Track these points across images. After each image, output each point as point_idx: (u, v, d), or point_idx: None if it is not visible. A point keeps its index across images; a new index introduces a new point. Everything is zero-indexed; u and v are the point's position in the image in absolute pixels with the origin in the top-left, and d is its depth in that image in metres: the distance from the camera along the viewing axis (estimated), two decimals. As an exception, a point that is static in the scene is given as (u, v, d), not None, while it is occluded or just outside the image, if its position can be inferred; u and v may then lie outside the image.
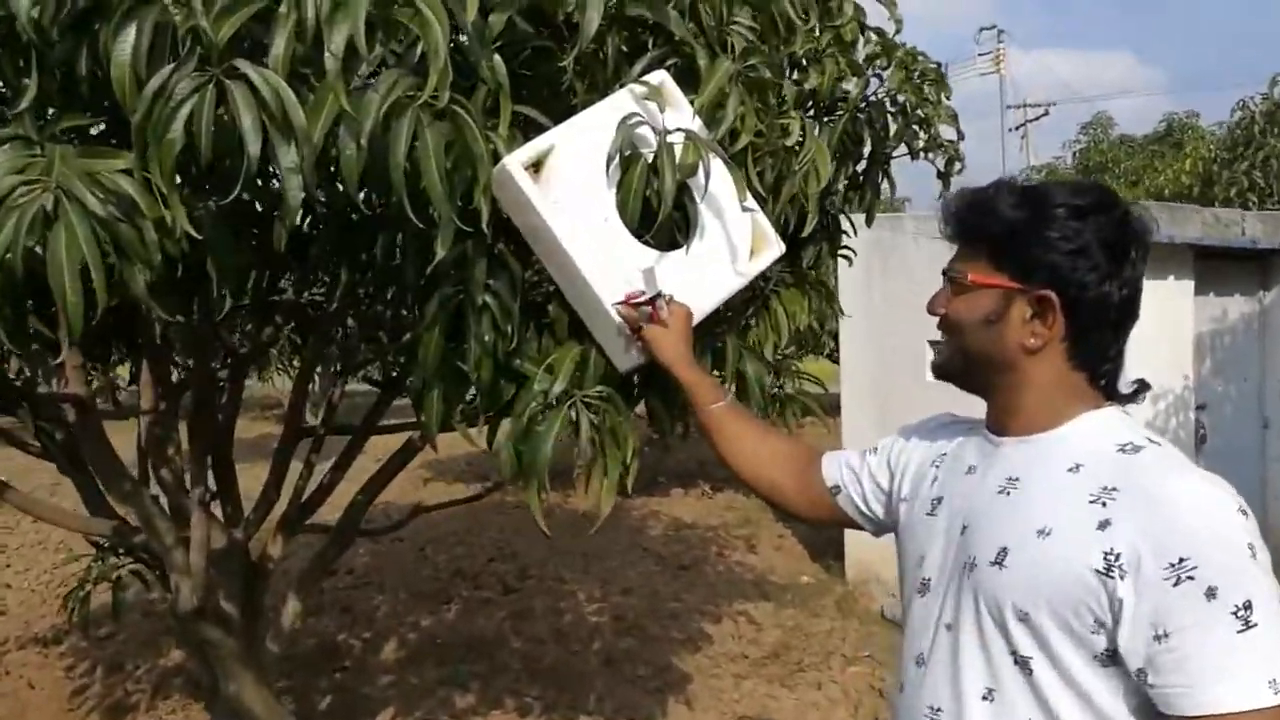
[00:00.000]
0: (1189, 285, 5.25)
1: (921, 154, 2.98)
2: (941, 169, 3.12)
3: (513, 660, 4.88)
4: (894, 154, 2.84)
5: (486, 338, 1.57)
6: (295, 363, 4.17)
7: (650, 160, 1.61)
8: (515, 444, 1.59)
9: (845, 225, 2.82)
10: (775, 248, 1.88)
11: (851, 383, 6.04)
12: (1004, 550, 1.06)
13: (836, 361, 7.27)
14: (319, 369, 2.98)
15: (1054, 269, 1.08)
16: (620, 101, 1.60)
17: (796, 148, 2.10)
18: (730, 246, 1.80)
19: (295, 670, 4.58)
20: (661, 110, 1.61)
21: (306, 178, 1.15)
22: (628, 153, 1.61)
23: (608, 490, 1.67)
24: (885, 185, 2.91)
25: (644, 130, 1.59)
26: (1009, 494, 1.10)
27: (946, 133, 2.95)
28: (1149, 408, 5.09)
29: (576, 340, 1.67)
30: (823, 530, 7.15)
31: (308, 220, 1.93)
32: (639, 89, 1.61)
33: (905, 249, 5.74)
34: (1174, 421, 5.17)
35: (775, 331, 2.50)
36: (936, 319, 1.22)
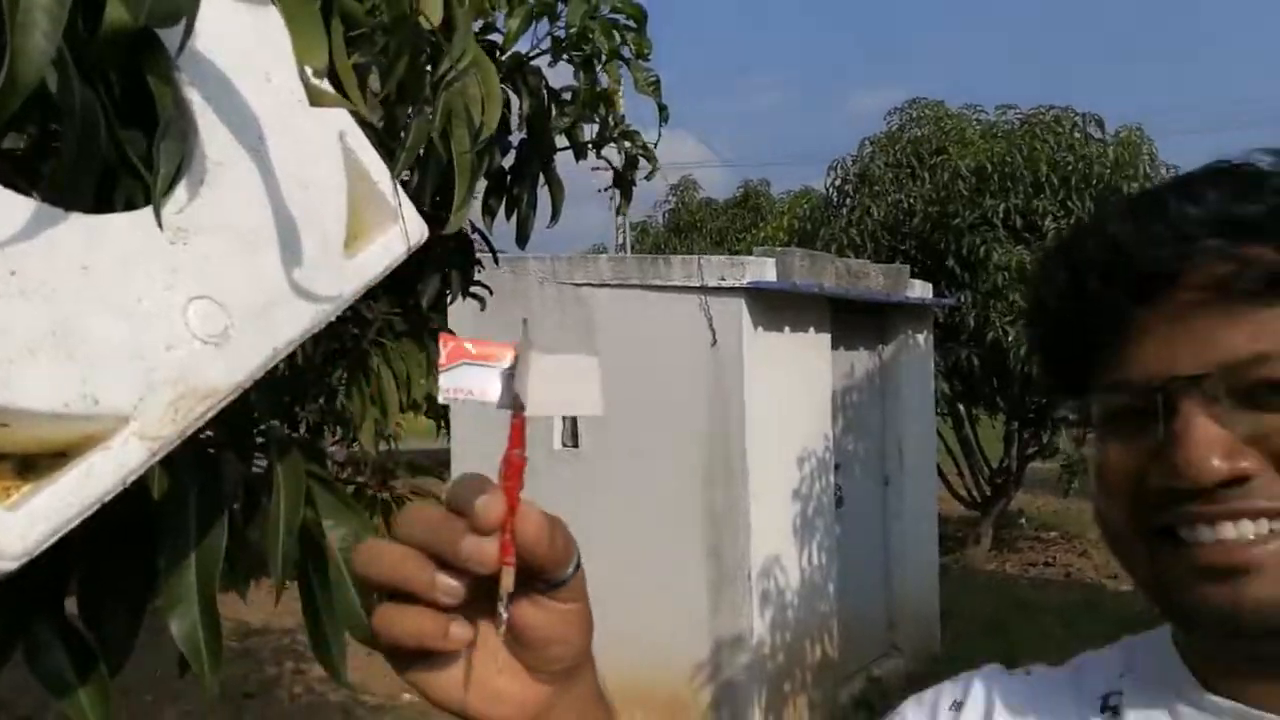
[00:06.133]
0: (827, 339, 4.91)
1: (594, 147, 2.11)
2: (620, 169, 2.26)
3: None
4: (561, 143, 1.96)
5: None
6: None
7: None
8: None
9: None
10: (399, 226, 0.82)
11: (463, 456, 4.99)
12: None
13: (433, 417, 6.26)
14: None
15: None
16: None
17: (437, 36, 1.06)
18: (285, 214, 0.69)
19: None
20: None
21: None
22: None
23: None
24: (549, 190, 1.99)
25: None
26: None
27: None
28: (794, 472, 4.63)
29: None
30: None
31: None
32: None
33: (529, 297, 4.85)
34: (817, 486, 4.75)
35: (379, 406, 1.46)
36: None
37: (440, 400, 0.49)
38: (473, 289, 1.93)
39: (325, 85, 0.66)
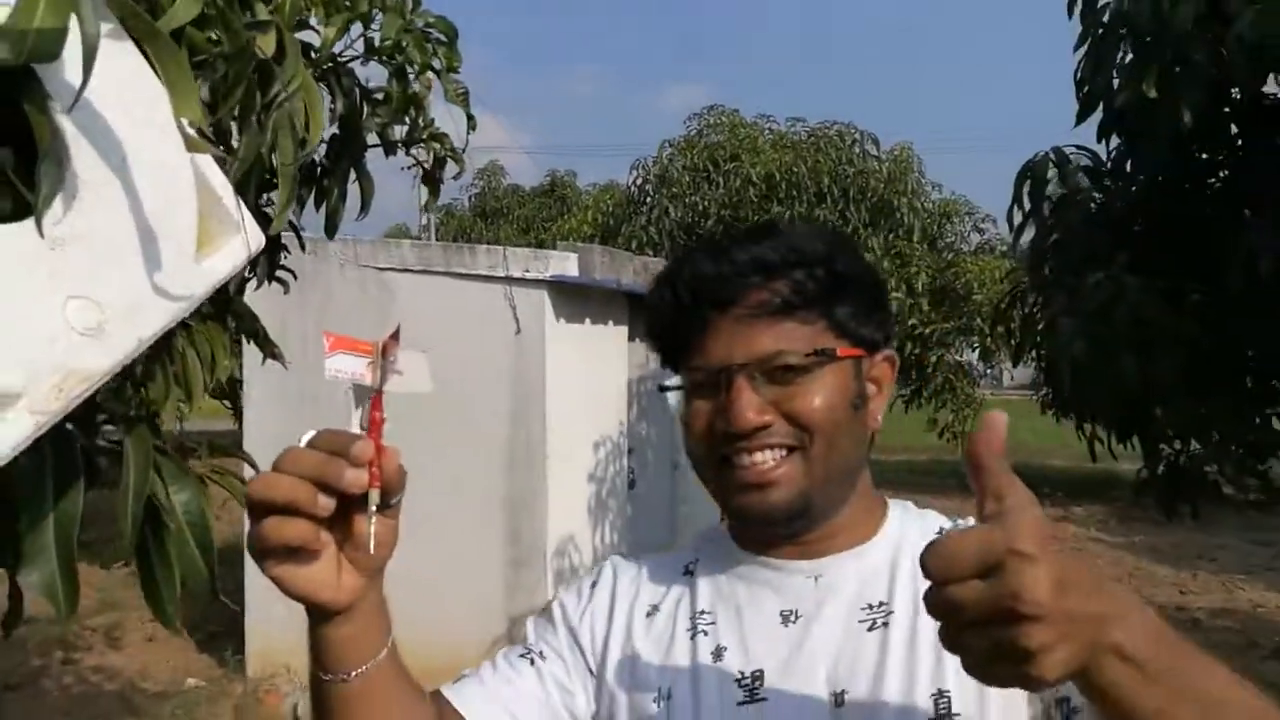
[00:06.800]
0: (624, 331, 5.19)
1: (404, 146, 2.25)
2: (428, 168, 2.40)
3: None
4: (371, 142, 2.08)
5: None
6: None
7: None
8: None
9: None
10: (241, 235, 0.96)
11: (255, 436, 4.91)
12: (944, 694, 0.80)
13: (222, 398, 6.09)
14: None
15: (888, 325, 0.91)
16: None
17: (272, 64, 1.19)
18: (146, 225, 0.83)
19: None
20: None
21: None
22: None
23: None
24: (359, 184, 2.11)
25: None
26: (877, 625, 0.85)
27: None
28: (591, 456, 4.88)
29: None
30: (215, 612, 5.84)
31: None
32: None
33: (329, 280, 4.84)
34: (611, 469, 5.02)
35: (183, 387, 1.57)
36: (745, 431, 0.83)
37: (326, 378, 0.67)
38: (277, 273, 2.02)
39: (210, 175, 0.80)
